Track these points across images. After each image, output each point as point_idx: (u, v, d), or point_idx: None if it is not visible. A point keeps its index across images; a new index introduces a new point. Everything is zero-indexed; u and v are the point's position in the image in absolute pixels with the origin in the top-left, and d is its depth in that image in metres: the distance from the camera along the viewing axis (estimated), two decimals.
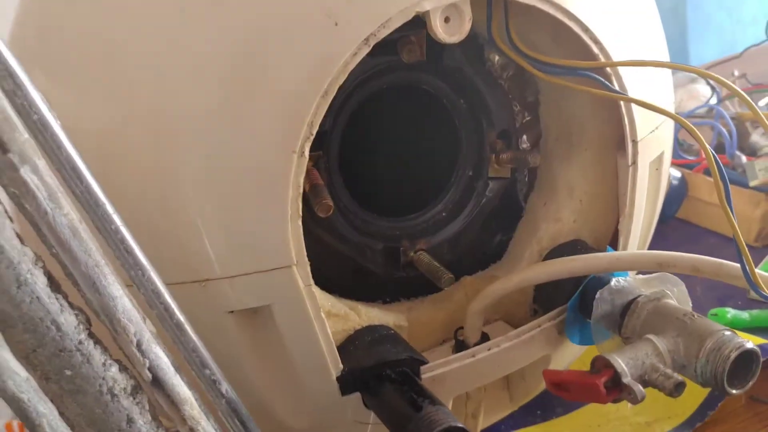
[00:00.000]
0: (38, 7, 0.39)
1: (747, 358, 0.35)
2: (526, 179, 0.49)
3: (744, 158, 0.73)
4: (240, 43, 0.33)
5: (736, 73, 0.94)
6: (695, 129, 0.38)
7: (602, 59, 0.40)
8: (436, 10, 0.36)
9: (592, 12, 0.39)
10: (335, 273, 0.44)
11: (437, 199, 0.47)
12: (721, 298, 0.65)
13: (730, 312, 0.59)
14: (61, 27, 0.37)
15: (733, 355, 0.35)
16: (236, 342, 0.37)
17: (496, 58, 0.46)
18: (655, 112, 0.41)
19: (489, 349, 0.42)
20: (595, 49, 0.40)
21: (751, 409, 0.51)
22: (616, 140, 0.45)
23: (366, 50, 0.34)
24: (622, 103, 0.41)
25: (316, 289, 0.38)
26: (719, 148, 0.79)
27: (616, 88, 0.41)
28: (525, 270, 0.44)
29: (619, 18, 0.41)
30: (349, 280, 0.45)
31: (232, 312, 0.36)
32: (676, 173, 0.76)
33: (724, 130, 0.74)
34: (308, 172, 0.40)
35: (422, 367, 0.40)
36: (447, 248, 0.48)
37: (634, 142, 0.42)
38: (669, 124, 0.47)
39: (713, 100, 0.83)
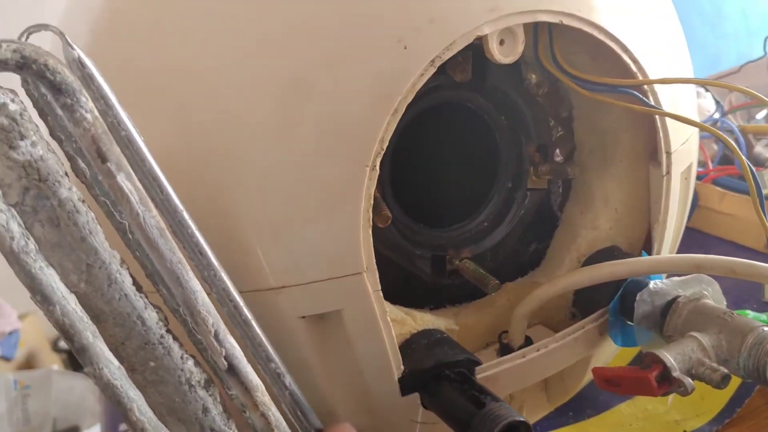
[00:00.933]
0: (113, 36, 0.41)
1: None
2: (560, 190, 0.52)
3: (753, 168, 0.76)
4: (319, 68, 0.36)
5: None
6: (731, 142, 0.41)
7: (640, 77, 0.43)
8: (494, 34, 0.39)
9: (631, 33, 0.42)
10: (387, 281, 0.46)
11: (479, 210, 0.50)
12: (737, 302, 0.68)
13: (750, 314, 0.61)
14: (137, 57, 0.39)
15: None
16: (305, 345, 0.39)
17: (533, 76, 0.48)
18: (686, 125, 0.45)
19: (538, 350, 0.44)
20: (634, 68, 0.43)
21: None
22: (648, 152, 0.48)
23: (432, 71, 0.37)
24: (657, 117, 0.44)
25: None
26: (726, 160, 0.82)
27: (652, 103, 0.44)
28: (570, 274, 0.46)
29: (652, 36, 0.44)
30: (399, 288, 0.47)
31: (303, 317, 0.38)
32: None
33: (741, 139, 0.77)
34: None
35: (476, 368, 0.42)
36: (489, 257, 0.50)
37: (668, 154, 0.45)
38: (696, 137, 0.50)
39: (717, 114, 0.86)
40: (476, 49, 0.43)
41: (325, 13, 0.36)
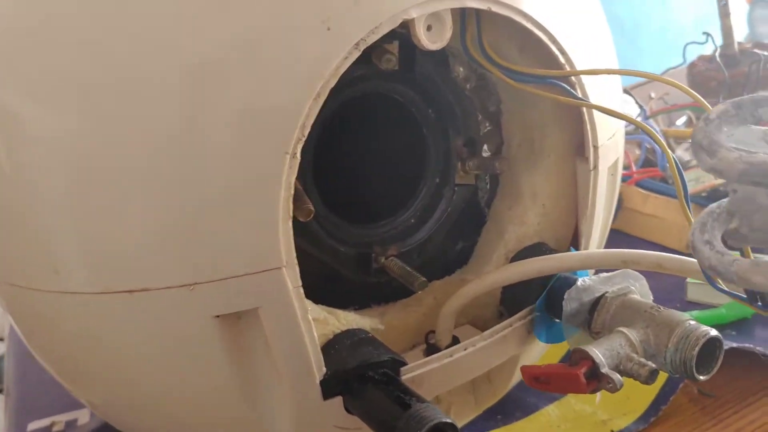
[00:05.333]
0: None
1: (711, 345, 0.38)
2: (488, 187, 0.51)
3: None
4: (234, 49, 0.33)
5: (653, 95, 1.01)
6: (658, 136, 0.41)
7: (568, 68, 0.42)
8: (421, 18, 0.37)
9: (559, 23, 0.42)
10: (310, 279, 0.44)
11: (406, 206, 0.48)
12: (660, 302, 0.69)
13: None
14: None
15: (701, 342, 0.37)
16: (218, 347, 0.36)
17: (461, 70, 0.47)
18: (614, 118, 0.44)
19: (465, 349, 0.43)
20: (562, 59, 0.42)
21: (699, 403, 0.54)
22: (575, 146, 0.47)
23: (356, 54, 0.35)
24: (584, 110, 0.44)
25: None
26: (648, 163, 0.84)
27: (579, 95, 0.43)
28: (498, 271, 0.45)
29: (580, 28, 0.44)
30: (322, 286, 0.45)
31: (217, 317, 0.36)
32: None
33: (653, 142, 0.78)
34: None
35: (401, 369, 0.41)
36: (416, 254, 0.49)
37: (595, 148, 0.45)
38: (622, 132, 0.50)
39: (640, 118, 0.88)
40: (403, 39, 0.41)
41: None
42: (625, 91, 0.91)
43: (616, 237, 0.82)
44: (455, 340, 0.46)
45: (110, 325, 0.37)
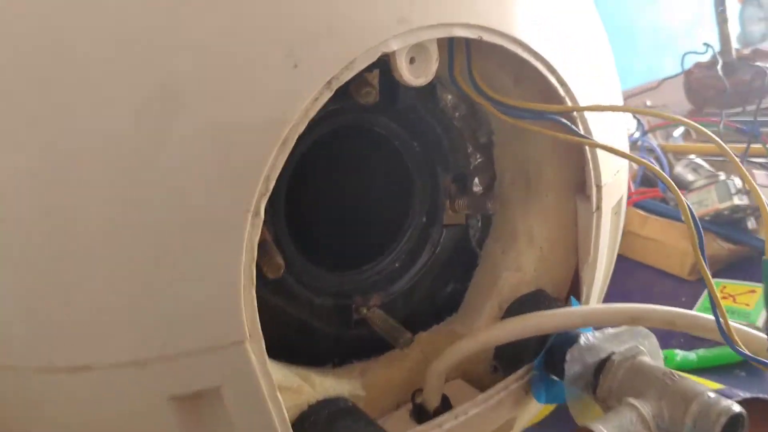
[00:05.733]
0: None
1: (734, 422, 0.33)
2: (479, 224, 0.46)
3: None
4: (186, 84, 0.29)
5: (649, 103, 0.97)
6: (674, 186, 0.36)
7: (568, 101, 0.38)
8: (403, 50, 0.33)
9: (558, 52, 0.37)
10: (281, 336, 0.40)
11: (390, 249, 0.44)
12: (663, 337, 0.65)
13: (679, 354, 0.58)
14: None
15: (723, 420, 0.33)
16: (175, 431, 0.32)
17: (449, 97, 0.43)
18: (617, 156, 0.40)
19: (456, 418, 0.38)
20: (562, 91, 0.37)
21: None
22: (576, 183, 0.43)
23: (328, 95, 0.30)
24: (587, 147, 0.39)
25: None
26: (647, 182, 0.79)
27: (581, 131, 0.38)
28: (491, 329, 0.40)
29: (582, 58, 0.39)
30: (296, 343, 0.40)
31: (173, 397, 0.31)
32: None
33: (653, 161, 0.74)
34: None
35: None
36: (401, 302, 0.44)
37: (599, 187, 0.40)
38: (626, 167, 0.46)
39: (637, 134, 0.84)
40: (384, 65, 0.37)
41: (197, 16, 0.29)
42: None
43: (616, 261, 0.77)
44: (445, 400, 0.42)
45: (53, 404, 0.32)
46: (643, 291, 0.74)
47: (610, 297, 0.72)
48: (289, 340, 0.40)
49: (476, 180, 0.46)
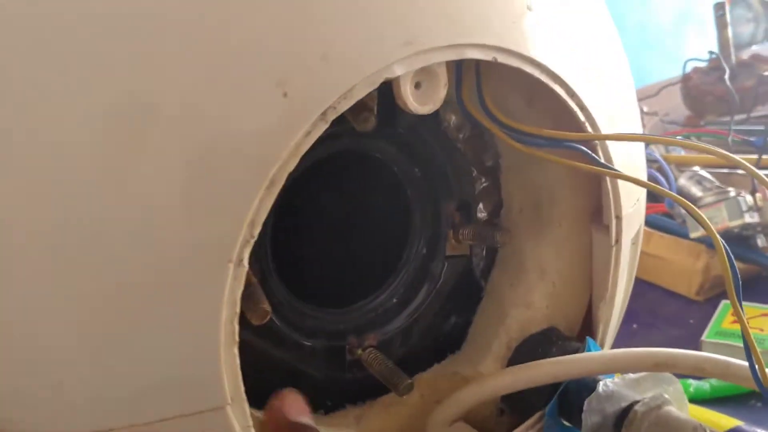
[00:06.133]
0: None
1: None
2: (483, 253, 0.43)
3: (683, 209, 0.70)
4: (161, 116, 0.25)
5: (646, 109, 0.93)
6: (699, 211, 0.33)
7: (589, 127, 0.34)
8: (407, 75, 0.29)
9: (578, 74, 0.33)
10: (268, 383, 0.36)
11: (387, 284, 0.40)
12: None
13: (693, 384, 0.54)
14: None
15: None
16: None
17: (453, 118, 0.39)
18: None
19: None
20: (582, 117, 0.34)
21: None
22: (590, 213, 0.39)
23: (323, 127, 0.26)
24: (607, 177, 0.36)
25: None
26: (651, 196, 0.76)
27: (602, 159, 0.35)
28: (500, 375, 0.37)
29: (603, 80, 0.36)
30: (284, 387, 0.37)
31: None
32: None
33: (658, 175, 0.71)
34: None
35: None
36: (400, 341, 0.40)
37: (618, 219, 0.37)
38: (645, 195, 0.42)
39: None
40: (383, 84, 0.33)
41: (174, 37, 0.25)
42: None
43: None
44: None
45: None
46: (650, 312, 0.70)
47: None
48: (277, 386, 0.36)
49: (480, 206, 0.42)
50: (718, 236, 0.32)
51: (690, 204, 0.32)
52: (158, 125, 0.25)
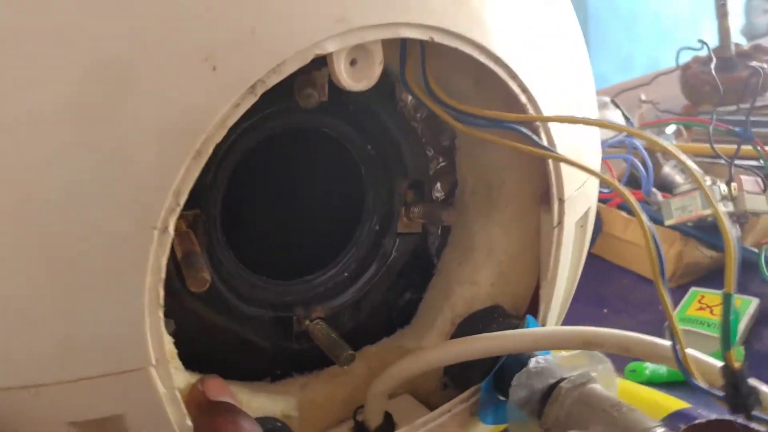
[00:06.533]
0: None
1: None
2: (439, 232, 0.44)
3: (660, 196, 0.70)
4: (91, 87, 0.26)
5: (643, 97, 0.93)
6: (631, 199, 0.33)
7: (531, 109, 0.35)
8: (341, 52, 0.29)
9: (521, 56, 0.34)
10: (214, 350, 0.37)
11: (338, 258, 0.41)
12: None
13: (649, 367, 0.55)
14: None
15: None
16: None
17: (409, 98, 0.40)
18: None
19: None
20: (524, 99, 0.34)
21: None
22: (540, 194, 0.40)
23: (252, 100, 0.27)
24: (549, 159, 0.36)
25: (187, 378, 0.32)
26: (633, 182, 0.76)
27: (545, 142, 0.35)
28: (436, 349, 0.38)
29: (550, 65, 0.36)
30: (231, 357, 0.38)
31: (73, 423, 0.28)
32: None
33: (638, 163, 0.71)
34: (183, 236, 0.33)
35: None
36: (349, 314, 0.41)
37: (561, 201, 0.37)
38: (595, 178, 0.43)
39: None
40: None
41: (105, 11, 0.26)
42: (612, 101, 0.83)
43: (594, 263, 0.75)
44: (388, 418, 0.39)
45: None
46: (621, 296, 0.71)
47: (586, 300, 0.70)
48: (223, 354, 0.37)
49: (438, 186, 0.43)
50: (632, 201, 0.32)
51: (610, 179, 0.32)
52: (92, 96, 0.26)
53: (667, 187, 0.74)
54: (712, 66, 0.87)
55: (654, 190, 0.70)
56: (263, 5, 0.27)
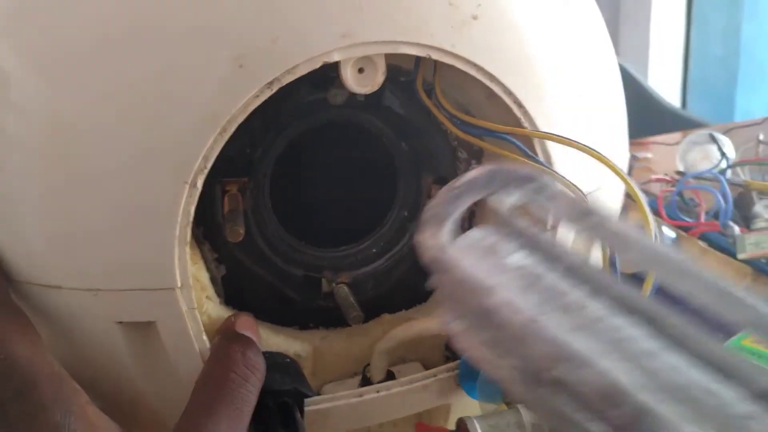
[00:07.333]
0: None
1: None
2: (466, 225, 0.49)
3: (737, 229, 0.70)
4: (146, 76, 0.35)
5: (762, 137, 0.91)
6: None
7: (525, 123, 0.40)
8: (349, 61, 0.37)
9: (517, 74, 0.39)
10: (253, 295, 0.46)
11: (369, 236, 0.48)
12: None
13: None
14: None
15: None
16: (123, 349, 0.39)
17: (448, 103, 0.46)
18: (595, 173, 0.41)
19: (378, 392, 0.42)
20: (518, 113, 0.40)
21: None
22: None
23: (268, 93, 0.35)
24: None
25: (220, 309, 0.41)
26: (716, 215, 0.76)
27: (539, 154, 0.41)
28: (426, 320, 0.44)
29: (552, 73, 0.41)
30: (267, 303, 0.46)
31: (120, 323, 0.38)
32: (671, 234, 0.75)
33: (719, 195, 0.72)
34: (232, 197, 0.42)
35: (307, 400, 0.41)
36: (372, 284, 0.48)
37: None
38: (613, 188, 0.46)
39: (723, 164, 0.80)
40: None
41: (165, 18, 0.35)
42: (710, 135, 0.83)
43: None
44: (390, 376, 0.46)
45: (35, 311, 0.40)
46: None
47: None
48: (260, 299, 0.46)
49: None
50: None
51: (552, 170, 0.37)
52: (148, 82, 0.35)
53: (750, 227, 0.74)
54: None
55: (731, 223, 0.71)
56: (284, 20, 0.35)
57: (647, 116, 1.84)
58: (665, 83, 2.30)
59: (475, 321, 0.25)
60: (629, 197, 0.49)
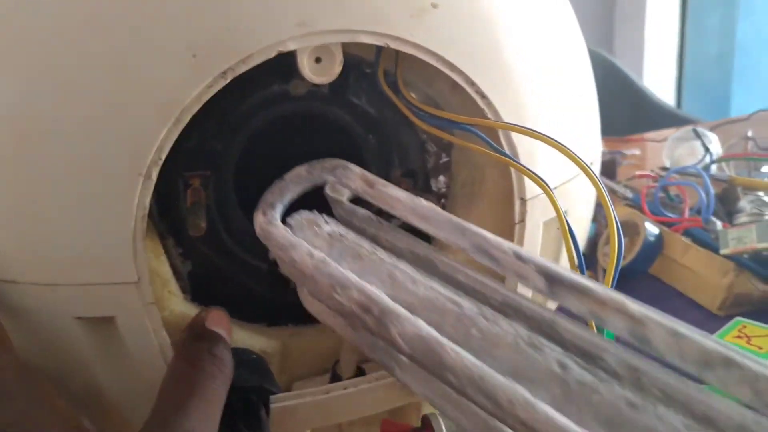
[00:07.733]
0: None
1: None
2: None
3: (719, 224, 0.70)
4: (98, 63, 0.34)
5: (750, 133, 0.90)
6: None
7: (489, 113, 0.39)
8: (305, 50, 0.36)
9: (480, 64, 0.39)
10: (221, 291, 0.45)
11: None
12: None
13: None
14: None
15: None
16: (85, 345, 0.38)
17: (412, 95, 0.45)
18: (567, 163, 0.40)
19: (345, 388, 0.42)
20: (481, 104, 0.39)
21: None
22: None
23: (222, 83, 0.35)
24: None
25: (184, 305, 0.40)
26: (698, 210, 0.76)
27: (503, 146, 0.40)
28: None
29: (518, 70, 0.40)
30: (236, 299, 0.46)
31: (79, 318, 0.37)
32: (654, 230, 0.74)
33: (700, 189, 0.71)
34: (194, 191, 0.42)
35: (273, 397, 0.40)
36: None
37: (522, 201, 0.42)
38: (582, 181, 0.46)
39: (707, 159, 0.80)
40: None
41: (117, 8, 0.35)
42: (694, 130, 0.83)
43: (651, 284, 0.76)
44: (360, 372, 0.45)
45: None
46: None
47: None
48: (230, 297, 0.45)
49: (441, 179, 0.48)
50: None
51: (549, 192, 0.36)
52: (99, 72, 0.34)
53: (732, 222, 0.73)
54: None
55: (713, 218, 0.70)
56: (238, 8, 0.34)
57: (641, 115, 1.84)
58: (660, 81, 2.30)
59: (294, 275, 0.37)
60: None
